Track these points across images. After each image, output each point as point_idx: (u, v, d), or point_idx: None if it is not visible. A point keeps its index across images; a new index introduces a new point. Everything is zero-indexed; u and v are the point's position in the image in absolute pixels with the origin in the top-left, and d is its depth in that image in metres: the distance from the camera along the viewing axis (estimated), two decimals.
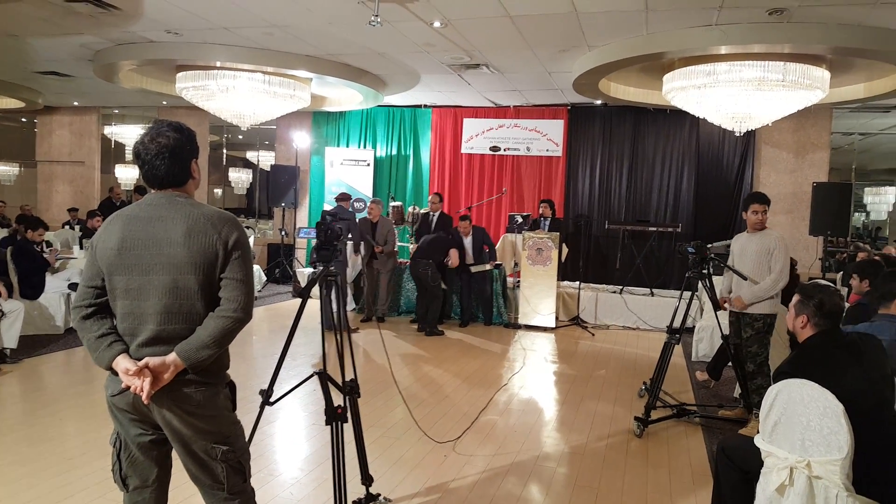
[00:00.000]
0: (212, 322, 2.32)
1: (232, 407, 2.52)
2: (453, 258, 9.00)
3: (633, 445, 4.87)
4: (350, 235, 8.43)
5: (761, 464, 2.99)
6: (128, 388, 2.31)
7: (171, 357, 2.30)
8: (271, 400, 3.18)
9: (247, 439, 2.56)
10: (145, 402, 2.29)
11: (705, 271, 5.36)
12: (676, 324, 5.60)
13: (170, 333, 2.33)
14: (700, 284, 5.36)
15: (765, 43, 6.63)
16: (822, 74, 7.33)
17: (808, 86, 7.25)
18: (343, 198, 9.21)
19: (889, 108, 10.33)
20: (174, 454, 2.49)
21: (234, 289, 2.35)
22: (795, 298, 3.13)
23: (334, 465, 3.06)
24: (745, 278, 5.12)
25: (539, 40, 7.52)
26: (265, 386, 3.32)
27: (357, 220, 9.34)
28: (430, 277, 8.74)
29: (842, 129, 11.16)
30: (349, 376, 3.34)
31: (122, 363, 2.30)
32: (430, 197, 10.25)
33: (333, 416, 3.02)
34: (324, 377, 3.11)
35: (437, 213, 9.78)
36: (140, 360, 2.30)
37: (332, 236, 3.15)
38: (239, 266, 2.37)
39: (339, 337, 3.19)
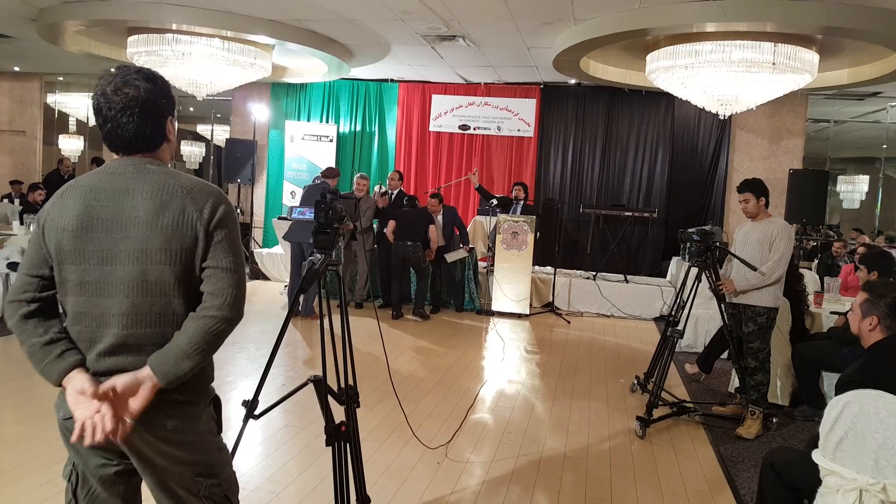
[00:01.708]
0: (192, 324, 1.81)
1: (217, 429, 2.04)
2: (432, 236, 8.51)
3: (637, 448, 4.52)
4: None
5: (818, 482, 2.66)
6: None
7: (145, 372, 1.78)
8: (256, 413, 2.68)
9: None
10: (119, 440, 1.78)
11: (709, 260, 5.04)
12: (670, 314, 5.35)
13: (139, 339, 1.82)
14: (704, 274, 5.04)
15: (762, 20, 6.32)
16: (811, 58, 7.08)
17: (798, 69, 6.99)
18: (330, 174, 8.34)
19: (863, 96, 10.20)
20: (144, 487, 1.98)
21: (219, 280, 1.84)
22: (862, 297, 2.79)
23: (336, 492, 2.60)
24: (754, 268, 4.79)
25: (524, 11, 7.06)
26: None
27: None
28: (421, 258, 8.29)
29: (814, 116, 11.02)
30: (346, 381, 2.87)
31: (78, 381, 1.77)
32: (389, 174, 9.62)
33: (336, 436, 2.55)
34: (322, 387, 2.62)
35: (395, 192, 9.19)
36: (100, 373, 1.80)
37: (334, 217, 2.66)
38: (224, 251, 1.85)
39: (343, 336, 2.71)
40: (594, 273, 9.79)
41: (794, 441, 4.77)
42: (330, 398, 2.77)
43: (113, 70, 1.89)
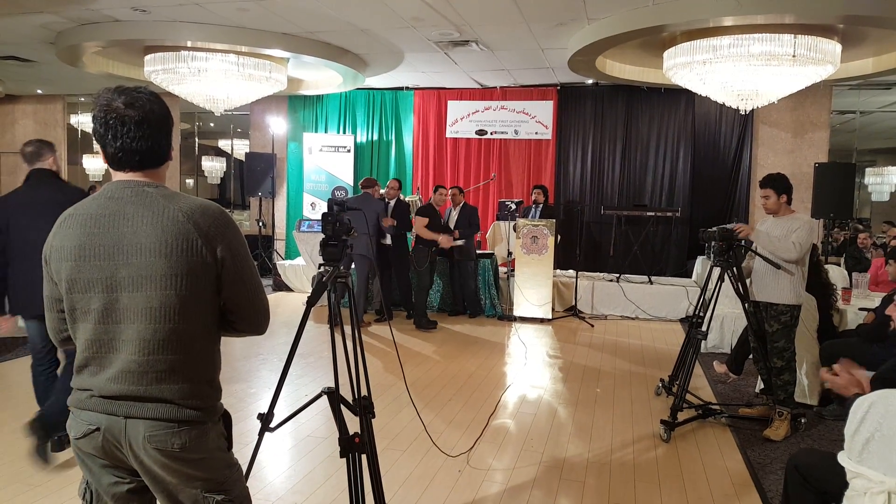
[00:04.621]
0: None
1: (227, 445, 2.02)
2: (436, 238, 8.45)
3: (662, 452, 4.44)
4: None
5: (844, 485, 2.57)
6: (95, 429, 1.82)
7: None
8: (272, 425, 2.67)
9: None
10: None
11: (731, 259, 4.93)
12: (694, 315, 5.25)
13: (142, 366, 1.81)
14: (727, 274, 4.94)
15: (780, 12, 6.20)
16: (833, 48, 6.94)
17: (819, 60, 6.85)
18: (368, 184, 8.38)
19: (890, 85, 10.00)
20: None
21: (244, 307, 1.98)
22: None
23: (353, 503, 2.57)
24: (777, 266, 4.70)
25: (536, 13, 7.02)
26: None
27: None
28: (417, 261, 8.24)
29: (838, 108, 10.82)
30: (362, 391, 2.84)
31: None
32: (389, 182, 9.06)
33: (350, 447, 2.52)
34: (335, 398, 2.60)
35: (393, 200, 8.68)
36: (109, 396, 1.82)
37: (342, 230, 2.63)
38: (240, 280, 1.92)
39: (353, 345, 2.68)
40: (618, 275, 9.68)
41: (823, 441, 4.65)
42: (346, 409, 2.74)
43: (113, 87, 1.87)
